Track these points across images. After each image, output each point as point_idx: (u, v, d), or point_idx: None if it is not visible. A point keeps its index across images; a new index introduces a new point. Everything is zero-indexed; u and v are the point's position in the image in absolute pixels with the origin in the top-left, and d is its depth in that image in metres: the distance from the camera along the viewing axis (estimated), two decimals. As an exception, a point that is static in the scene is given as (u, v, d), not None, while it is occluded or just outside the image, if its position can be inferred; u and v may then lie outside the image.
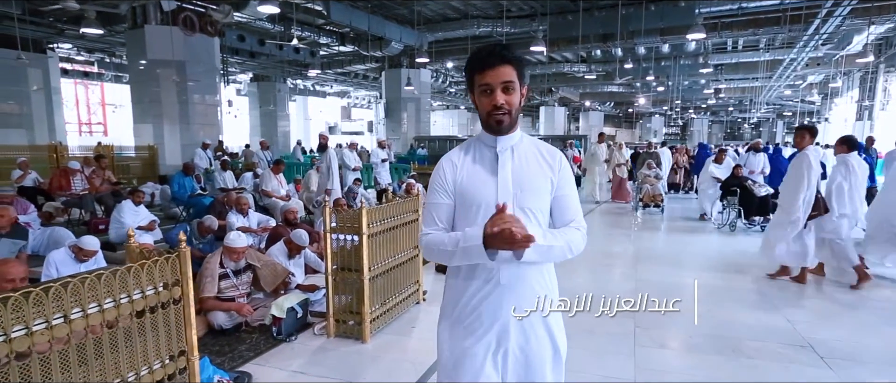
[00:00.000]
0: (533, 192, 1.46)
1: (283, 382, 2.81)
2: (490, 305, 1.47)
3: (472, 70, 1.45)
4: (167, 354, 1.92)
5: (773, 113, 41.54)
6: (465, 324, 1.50)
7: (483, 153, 1.52)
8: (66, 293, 1.53)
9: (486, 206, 1.44)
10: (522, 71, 1.45)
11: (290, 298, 3.45)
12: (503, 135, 1.48)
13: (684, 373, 3.01)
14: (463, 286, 1.51)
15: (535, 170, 1.48)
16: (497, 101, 1.41)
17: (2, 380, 1.39)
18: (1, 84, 14.61)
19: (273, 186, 7.47)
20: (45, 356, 1.49)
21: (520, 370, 1.51)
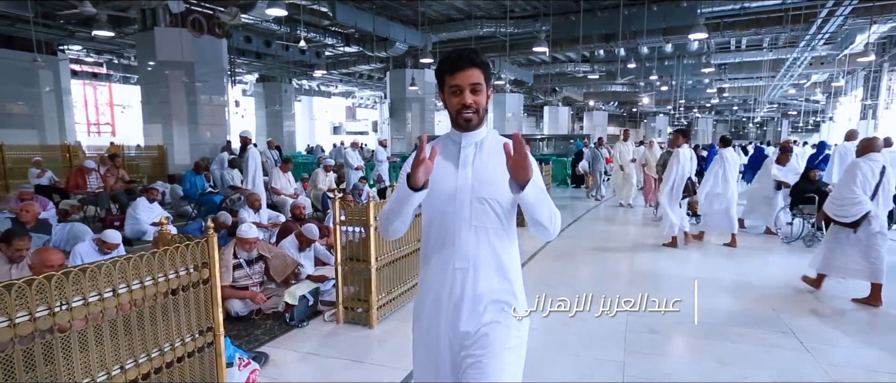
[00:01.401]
0: (491, 185, 1.53)
1: (297, 362, 3.01)
2: (446, 288, 1.55)
3: (442, 72, 1.55)
4: (197, 330, 2.12)
5: (778, 112, 41.49)
6: (429, 306, 1.60)
7: (449, 148, 1.61)
8: (115, 271, 1.73)
9: (447, 196, 1.54)
10: (489, 74, 1.56)
11: (301, 287, 3.65)
12: (470, 132, 1.58)
13: (671, 355, 3.19)
14: (425, 272, 1.62)
15: (497, 164, 1.53)
16: (466, 101, 1.51)
17: (64, 345, 1.59)
18: (13, 85, 14.83)
19: (282, 184, 7.69)
20: (98, 325, 1.69)
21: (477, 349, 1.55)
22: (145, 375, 1.89)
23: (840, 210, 4.15)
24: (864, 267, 4.10)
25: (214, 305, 2.18)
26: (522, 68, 23.13)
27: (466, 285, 1.55)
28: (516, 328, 1.60)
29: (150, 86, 12.71)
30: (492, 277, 1.56)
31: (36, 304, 1.51)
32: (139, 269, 1.83)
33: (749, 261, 5.61)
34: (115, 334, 1.77)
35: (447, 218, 1.56)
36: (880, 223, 4.08)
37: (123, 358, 1.81)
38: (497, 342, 1.54)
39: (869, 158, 4.13)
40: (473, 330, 1.55)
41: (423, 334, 1.63)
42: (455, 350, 1.58)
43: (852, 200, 4.05)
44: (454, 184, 1.55)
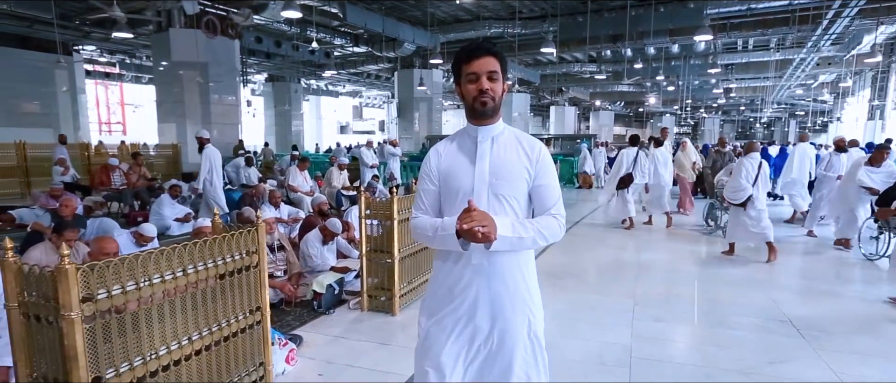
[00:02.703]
0: (508, 181, 1.56)
1: (328, 344, 3.25)
2: (461, 284, 1.58)
3: (459, 62, 1.58)
4: (247, 309, 2.36)
5: (786, 112, 41.40)
6: (440, 301, 1.63)
7: (465, 143, 1.63)
8: (185, 254, 1.97)
9: (464, 192, 1.56)
10: (505, 65, 1.58)
11: (328, 276, 3.90)
12: (486, 124, 1.59)
13: (675, 341, 3.41)
14: (441, 266, 1.65)
15: (513, 160, 1.58)
16: (483, 86, 1.53)
17: (147, 318, 1.83)
18: (30, 85, 15.17)
19: (298, 182, 7.95)
20: (172, 301, 1.94)
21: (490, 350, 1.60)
22: (207, 347, 2.14)
23: (733, 195, 5.57)
24: (755, 234, 5.52)
25: (262, 288, 2.43)
26: (529, 68, 23.31)
27: (482, 281, 1.56)
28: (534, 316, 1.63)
29: (164, 86, 13.01)
30: (507, 273, 1.57)
31: (126, 280, 1.75)
32: (203, 253, 2.07)
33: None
34: (184, 309, 2.01)
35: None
36: (760, 202, 5.49)
37: (190, 331, 2.05)
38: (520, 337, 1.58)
39: (750, 157, 5.56)
40: (489, 326, 1.58)
41: (436, 327, 1.63)
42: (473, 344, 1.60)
43: (741, 187, 5.47)
44: (471, 179, 1.56)
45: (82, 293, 1.62)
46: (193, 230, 3.91)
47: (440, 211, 1.64)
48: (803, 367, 2.94)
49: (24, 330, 1.71)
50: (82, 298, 1.62)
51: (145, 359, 1.86)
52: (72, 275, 1.57)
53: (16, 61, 14.74)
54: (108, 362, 1.73)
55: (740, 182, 5.49)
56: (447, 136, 1.72)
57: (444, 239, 1.51)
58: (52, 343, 1.67)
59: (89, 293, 1.64)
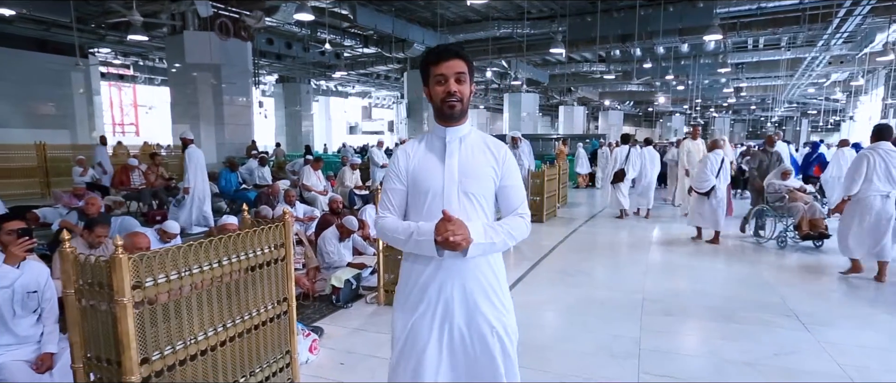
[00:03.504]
0: (476, 179, 1.59)
1: (347, 336, 3.39)
2: (435, 284, 1.59)
3: (427, 63, 1.59)
4: (275, 300, 2.50)
5: (798, 111, 41.06)
6: (414, 302, 1.63)
7: (434, 143, 1.64)
8: (221, 246, 2.11)
9: (434, 192, 1.58)
10: (472, 68, 1.60)
11: (346, 272, 4.04)
12: (454, 125, 1.61)
13: (682, 333, 3.51)
14: (411, 268, 1.65)
15: (480, 160, 1.61)
16: (451, 88, 1.55)
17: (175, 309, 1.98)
18: (47, 87, 15.48)
19: (312, 181, 8.12)
20: (207, 290, 2.08)
21: (466, 349, 1.62)
22: (239, 334, 2.27)
23: (699, 185, 6.57)
24: (712, 220, 6.49)
25: (288, 280, 2.56)
26: (538, 68, 23.37)
27: (455, 277, 1.59)
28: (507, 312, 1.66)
29: (178, 87, 13.24)
30: (478, 267, 1.61)
31: (169, 270, 1.90)
32: (236, 246, 2.21)
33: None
34: (219, 298, 2.15)
35: (434, 211, 1.56)
36: (722, 192, 6.48)
37: (224, 319, 2.19)
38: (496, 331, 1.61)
39: (715, 153, 6.55)
40: (463, 321, 1.60)
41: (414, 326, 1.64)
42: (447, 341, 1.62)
43: (706, 179, 6.45)
44: (440, 178, 1.59)
45: (133, 280, 1.76)
46: (218, 226, 4.06)
47: (406, 211, 1.67)
48: (808, 359, 3.04)
49: (79, 315, 1.86)
50: (132, 285, 1.76)
51: (186, 344, 2.01)
52: (124, 263, 1.72)
53: (34, 64, 15.06)
54: (153, 345, 1.88)
55: (706, 174, 6.46)
56: (414, 138, 1.75)
57: (420, 244, 1.52)
58: (104, 326, 1.81)
59: (138, 280, 1.79)
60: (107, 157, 10.86)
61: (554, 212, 8.88)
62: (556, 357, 3.10)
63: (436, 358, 1.63)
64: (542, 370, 2.90)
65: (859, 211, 4.72)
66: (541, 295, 4.36)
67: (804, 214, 6.04)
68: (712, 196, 6.43)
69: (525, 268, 5.21)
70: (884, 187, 4.60)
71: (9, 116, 14.60)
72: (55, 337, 2.70)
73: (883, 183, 4.60)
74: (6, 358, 2.53)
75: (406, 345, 1.66)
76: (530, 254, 5.94)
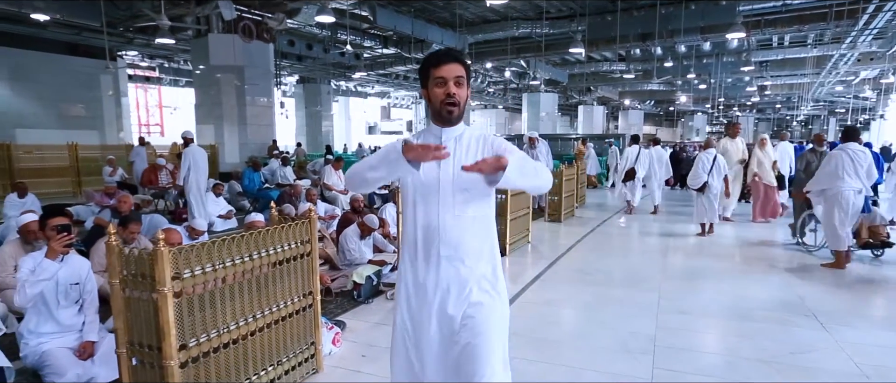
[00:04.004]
0: (471, 176, 1.58)
1: (369, 330, 3.50)
2: (430, 278, 1.64)
3: (427, 66, 1.63)
4: (301, 293, 2.62)
5: (825, 110, 40.07)
6: (411, 295, 1.69)
7: (430, 142, 1.63)
8: (252, 240, 2.23)
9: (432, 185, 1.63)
10: (470, 73, 1.66)
11: (367, 269, 4.16)
12: (451, 126, 1.66)
13: (698, 331, 3.54)
14: (409, 262, 1.70)
15: (473, 156, 1.65)
16: (450, 91, 1.60)
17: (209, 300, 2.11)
18: (77, 90, 16.00)
19: (333, 181, 8.28)
20: (238, 283, 2.20)
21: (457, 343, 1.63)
22: (268, 325, 2.40)
23: (693, 182, 7.08)
24: (710, 214, 7.00)
25: (313, 274, 2.68)
26: (557, 68, 23.27)
27: (451, 271, 1.62)
28: (499, 304, 1.68)
29: (203, 89, 13.57)
30: (474, 262, 1.64)
31: (205, 262, 2.03)
32: (266, 241, 2.34)
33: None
34: (250, 290, 2.28)
35: (431, 207, 1.63)
36: (715, 188, 7.00)
37: (253, 310, 2.32)
38: (483, 324, 1.61)
39: (707, 152, 7.14)
40: (459, 313, 1.63)
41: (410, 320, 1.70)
42: (444, 333, 1.65)
43: (699, 176, 6.97)
44: (437, 175, 1.63)
45: (172, 272, 1.89)
46: (246, 224, 4.21)
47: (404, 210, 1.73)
48: (824, 357, 3.04)
49: (123, 304, 2.00)
50: (172, 276, 1.89)
51: (219, 332, 2.14)
52: (166, 256, 1.85)
53: (65, 67, 15.58)
54: (190, 333, 2.01)
55: (698, 172, 7.02)
56: (414, 134, 1.80)
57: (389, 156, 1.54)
58: (146, 314, 1.95)
59: (178, 272, 1.91)
60: (143, 157, 11.20)
61: (572, 211, 8.90)
62: (572, 352, 3.17)
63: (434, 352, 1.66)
64: (558, 364, 2.97)
65: (838, 206, 5.05)
66: (558, 292, 4.42)
67: (862, 220, 5.36)
68: (707, 192, 6.96)
69: (543, 267, 5.27)
70: (855, 183, 5.02)
71: (42, 118, 15.15)
72: (96, 326, 2.87)
73: (853, 179, 5.02)
74: (51, 345, 2.70)
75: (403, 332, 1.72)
76: (548, 252, 5.99)
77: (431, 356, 1.67)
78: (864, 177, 5.04)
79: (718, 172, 7.03)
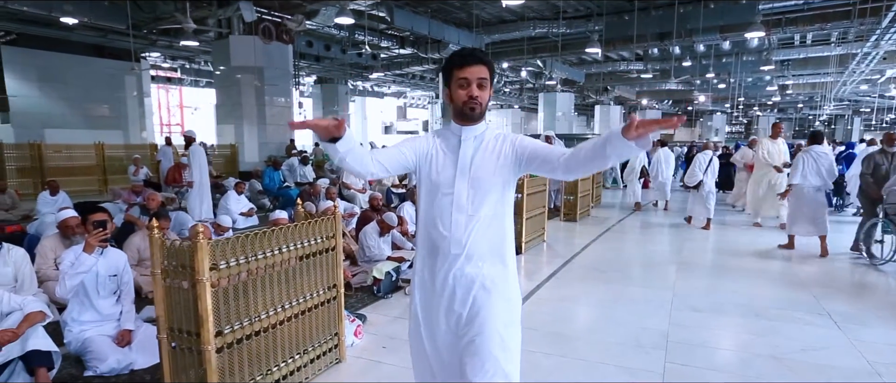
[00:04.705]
0: (487, 176, 1.65)
1: (388, 323, 3.63)
2: (441, 273, 1.67)
3: (451, 66, 1.64)
4: (326, 286, 2.75)
5: (849, 109, 39.21)
6: (424, 288, 1.73)
7: (450, 139, 1.72)
8: (281, 235, 2.37)
9: (447, 183, 1.65)
10: (493, 73, 1.66)
11: (386, 265, 4.29)
12: (471, 125, 1.69)
13: (710, 328, 3.59)
14: (423, 256, 1.73)
15: (491, 158, 1.67)
16: (473, 93, 1.61)
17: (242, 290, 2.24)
18: (103, 90, 16.41)
19: (352, 180, 8.44)
20: (269, 275, 2.34)
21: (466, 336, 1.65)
22: (295, 315, 2.54)
23: (689, 180, 7.70)
24: (703, 211, 7.50)
25: (338, 268, 2.81)
26: (574, 67, 23.19)
27: (459, 270, 1.64)
28: (505, 303, 1.67)
29: (223, 89, 13.86)
30: (485, 262, 1.65)
31: (239, 255, 2.16)
32: (294, 235, 2.47)
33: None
34: (280, 282, 2.41)
35: (444, 206, 1.65)
36: (709, 186, 7.51)
37: (282, 301, 2.45)
38: (487, 322, 1.62)
39: (704, 153, 7.72)
40: (465, 311, 1.65)
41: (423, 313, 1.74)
42: (452, 329, 1.68)
43: (695, 174, 7.54)
44: (453, 173, 1.65)
45: (210, 262, 2.03)
46: (270, 221, 4.37)
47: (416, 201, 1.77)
48: (837, 355, 3.08)
49: (164, 292, 2.14)
50: (210, 266, 2.02)
51: (251, 321, 2.27)
52: (205, 247, 1.98)
53: (91, 69, 16.01)
54: (225, 320, 2.14)
55: (695, 171, 7.59)
56: (434, 130, 1.83)
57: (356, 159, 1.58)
58: (186, 302, 2.09)
59: (215, 262, 2.05)
60: (169, 157, 11.50)
61: (587, 211, 8.93)
62: (586, 346, 3.25)
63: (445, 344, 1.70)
64: (572, 357, 3.05)
65: (799, 199, 5.93)
66: (572, 289, 4.49)
67: None
68: (701, 189, 7.55)
69: (558, 265, 5.34)
70: (815, 181, 5.82)
71: (69, 118, 15.60)
72: (132, 316, 3.04)
73: (814, 177, 5.82)
74: (92, 333, 2.87)
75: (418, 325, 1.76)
76: (563, 251, 6.06)
77: (443, 349, 1.71)
78: (825, 175, 5.83)
79: (712, 173, 7.61)
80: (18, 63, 14.67)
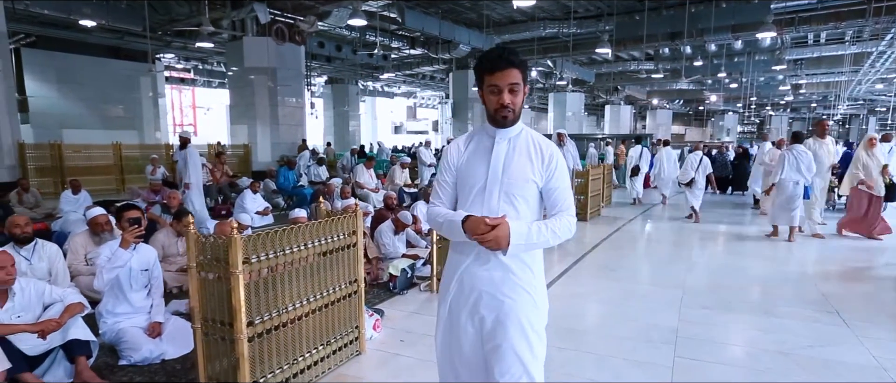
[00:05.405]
0: (518, 180, 1.64)
1: (405, 318, 3.74)
2: (468, 274, 1.68)
3: (481, 70, 1.61)
4: (347, 280, 2.87)
5: (864, 108, 38.74)
6: (452, 287, 1.73)
7: (483, 142, 1.70)
8: (307, 231, 2.49)
9: (477, 188, 1.66)
10: (526, 73, 1.62)
11: (402, 262, 4.41)
12: (505, 128, 1.67)
13: (719, 324, 3.66)
14: (453, 256, 1.76)
15: (524, 163, 1.65)
16: (504, 101, 1.59)
17: (271, 283, 2.36)
18: (118, 91, 16.71)
19: (365, 179, 8.58)
20: (295, 269, 2.46)
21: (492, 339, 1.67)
22: (319, 308, 2.66)
23: (682, 177, 8.50)
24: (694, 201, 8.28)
25: (358, 263, 2.93)
26: (584, 67, 23.19)
27: (487, 272, 1.65)
28: (533, 308, 1.68)
29: (237, 90, 14.06)
30: (512, 266, 1.65)
31: (268, 249, 2.29)
32: (319, 232, 2.59)
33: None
34: (306, 276, 2.54)
35: (474, 208, 1.64)
36: (701, 183, 8.30)
37: (307, 294, 2.57)
38: (517, 324, 1.63)
39: (694, 153, 8.58)
40: (492, 313, 1.65)
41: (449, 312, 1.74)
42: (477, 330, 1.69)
43: (686, 171, 8.37)
44: (484, 176, 1.65)
45: (243, 256, 2.15)
46: (290, 218, 4.50)
47: (455, 201, 1.75)
48: (843, 351, 3.15)
49: (199, 284, 2.27)
50: (243, 260, 2.15)
51: (279, 312, 2.40)
52: (239, 242, 2.11)
53: (108, 70, 16.32)
54: (256, 311, 2.27)
55: (688, 169, 8.42)
56: (467, 133, 1.81)
57: (452, 230, 1.62)
58: (220, 293, 2.22)
59: (247, 256, 2.18)
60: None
61: (598, 210, 8.99)
62: (596, 340, 3.35)
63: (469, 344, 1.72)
64: (583, 351, 3.15)
65: (780, 193, 6.50)
66: (583, 287, 4.58)
67: None
68: (693, 186, 8.31)
69: (569, 263, 5.43)
70: (795, 176, 6.40)
71: (86, 118, 15.91)
72: (162, 308, 3.19)
73: (794, 173, 6.39)
74: (126, 324, 3.02)
75: (443, 327, 1.79)
76: (574, 249, 6.14)
77: (468, 351, 1.72)
78: (804, 171, 6.39)
79: (703, 170, 8.39)
80: (37, 65, 15.00)
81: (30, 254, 3.46)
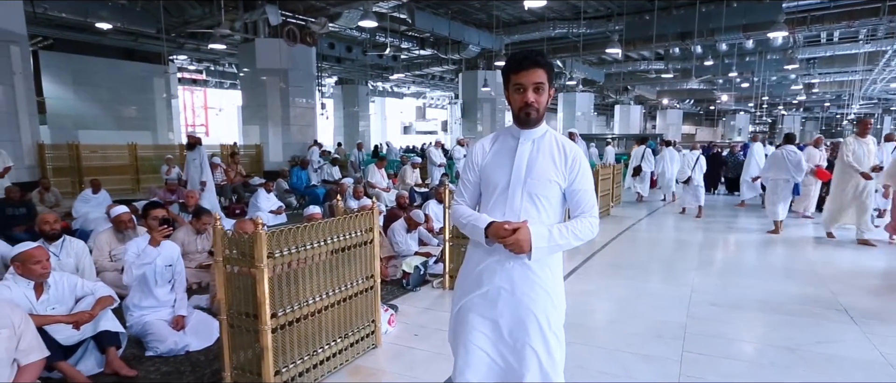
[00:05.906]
0: (540, 182, 1.65)
1: (418, 314, 3.84)
2: (488, 272, 1.70)
3: (508, 70, 1.64)
4: (364, 276, 2.97)
5: (878, 107, 38.24)
6: (470, 284, 1.75)
7: (507, 142, 1.72)
8: (327, 228, 2.59)
9: (501, 189, 1.68)
10: (552, 74, 1.64)
11: (415, 259, 4.51)
12: (529, 128, 1.69)
13: (727, 321, 3.70)
14: (472, 252, 1.78)
15: (548, 164, 1.67)
16: (528, 99, 1.61)
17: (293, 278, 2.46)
18: (132, 92, 16.98)
19: (376, 179, 8.70)
20: (316, 264, 2.56)
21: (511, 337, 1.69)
22: (338, 302, 2.76)
23: (679, 176, 9.07)
24: (693, 200, 8.75)
25: (374, 259, 3.02)
26: (593, 67, 23.16)
27: (506, 273, 1.67)
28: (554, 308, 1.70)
29: (249, 91, 14.25)
30: (532, 265, 1.66)
31: (291, 245, 2.39)
32: (337, 228, 2.69)
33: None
34: (325, 271, 2.64)
35: (497, 207, 1.67)
36: (698, 180, 8.68)
37: (326, 288, 2.67)
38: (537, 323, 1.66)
39: (692, 152, 8.98)
40: (509, 313, 1.67)
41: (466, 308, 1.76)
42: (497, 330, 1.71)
43: (684, 169, 8.88)
44: (508, 176, 1.67)
45: (268, 251, 2.25)
46: (306, 216, 4.61)
47: (479, 200, 1.80)
48: (850, 347, 3.19)
49: (225, 278, 2.38)
50: (267, 254, 2.25)
51: (300, 305, 2.50)
52: (263, 237, 2.21)
53: (123, 72, 16.59)
54: (279, 304, 2.37)
55: (684, 167, 8.96)
56: (493, 133, 1.83)
57: (474, 231, 1.66)
58: (245, 286, 2.32)
59: (271, 251, 2.28)
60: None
61: (607, 210, 9.04)
62: (606, 335, 3.42)
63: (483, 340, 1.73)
64: (593, 346, 3.22)
65: (774, 190, 7.02)
66: (593, 285, 4.65)
67: None
68: (691, 183, 8.73)
69: (578, 261, 5.49)
70: (784, 174, 6.86)
71: (101, 119, 16.19)
72: (185, 302, 3.31)
73: (784, 172, 6.85)
74: (151, 317, 3.14)
75: (458, 322, 1.80)
76: (583, 248, 6.19)
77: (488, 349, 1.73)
78: (793, 169, 6.81)
79: (700, 169, 8.79)
80: (54, 67, 15.30)
81: (58, 250, 3.60)
